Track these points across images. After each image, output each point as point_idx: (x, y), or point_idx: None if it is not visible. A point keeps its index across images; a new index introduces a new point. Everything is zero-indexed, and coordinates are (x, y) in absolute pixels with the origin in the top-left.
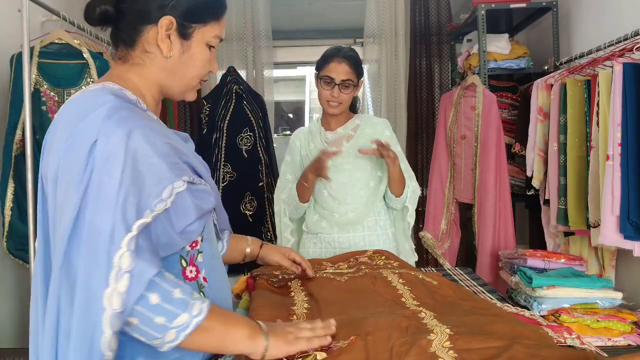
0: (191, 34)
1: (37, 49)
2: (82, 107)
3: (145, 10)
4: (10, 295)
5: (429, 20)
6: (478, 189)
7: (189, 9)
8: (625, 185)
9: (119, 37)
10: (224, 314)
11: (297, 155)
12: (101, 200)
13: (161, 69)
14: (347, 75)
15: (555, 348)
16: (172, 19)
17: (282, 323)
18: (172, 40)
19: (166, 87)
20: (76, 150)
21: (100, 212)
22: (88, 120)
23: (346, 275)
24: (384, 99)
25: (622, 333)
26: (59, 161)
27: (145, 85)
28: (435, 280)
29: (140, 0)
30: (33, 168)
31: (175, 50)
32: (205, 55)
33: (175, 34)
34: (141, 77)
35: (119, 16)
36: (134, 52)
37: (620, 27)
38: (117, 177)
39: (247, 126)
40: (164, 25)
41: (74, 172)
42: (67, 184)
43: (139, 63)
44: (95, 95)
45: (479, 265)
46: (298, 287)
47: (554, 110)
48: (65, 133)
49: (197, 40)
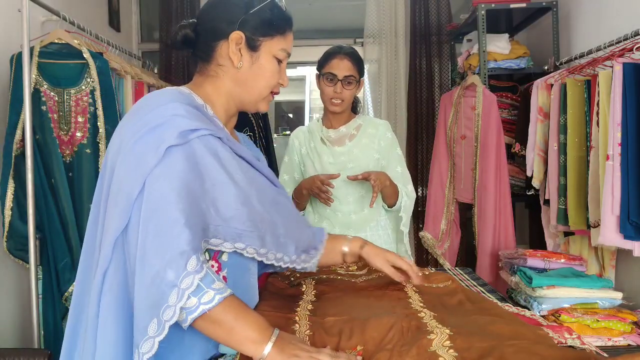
0: (259, 46)
1: (37, 49)
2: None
3: (217, 27)
4: (10, 295)
5: (429, 20)
6: (478, 189)
7: (256, 24)
8: (625, 185)
9: (197, 56)
10: (240, 310)
11: (296, 155)
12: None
13: (233, 80)
14: (349, 71)
15: (555, 348)
16: (241, 33)
17: (302, 342)
18: (242, 53)
19: (238, 96)
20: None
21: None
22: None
23: (361, 277)
24: (384, 99)
25: (622, 333)
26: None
27: (216, 94)
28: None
29: (213, 19)
30: (33, 168)
31: (245, 62)
32: (274, 66)
33: (245, 47)
34: (214, 87)
35: (197, 37)
36: (210, 66)
37: (620, 27)
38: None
39: (247, 126)
40: (234, 39)
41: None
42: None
43: (214, 75)
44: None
45: (479, 265)
46: (311, 286)
47: (554, 110)
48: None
49: (264, 52)
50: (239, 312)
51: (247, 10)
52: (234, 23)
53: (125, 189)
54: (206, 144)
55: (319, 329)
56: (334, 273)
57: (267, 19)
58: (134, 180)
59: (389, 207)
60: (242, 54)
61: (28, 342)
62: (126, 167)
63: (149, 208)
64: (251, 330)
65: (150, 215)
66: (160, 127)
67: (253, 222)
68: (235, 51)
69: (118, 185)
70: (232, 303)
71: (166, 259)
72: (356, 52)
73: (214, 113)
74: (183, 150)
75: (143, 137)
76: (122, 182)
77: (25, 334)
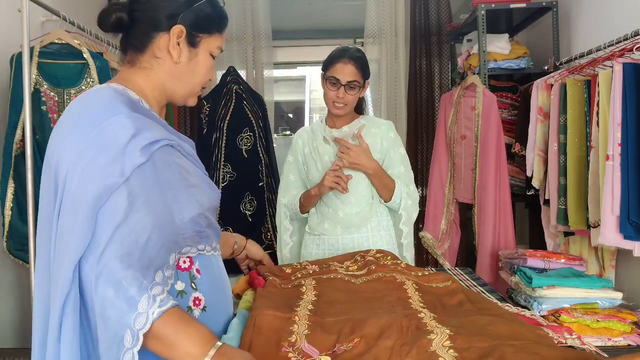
0: (198, 42)
1: (37, 49)
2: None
3: (157, 18)
4: (11, 295)
5: (429, 20)
6: (478, 189)
7: (197, 20)
8: (625, 185)
9: (129, 43)
10: (181, 323)
11: (300, 155)
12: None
13: (169, 74)
14: (353, 76)
15: (555, 348)
16: (183, 28)
17: (248, 357)
18: (181, 48)
19: (171, 90)
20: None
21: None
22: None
23: (361, 278)
24: (384, 99)
25: (622, 333)
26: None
27: (149, 87)
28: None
29: (153, 9)
30: (33, 168)
31: (184, 57)
32: (209, 63)
33: (185, 42)
34: (147, 79)
35: (131, 23)
36: (143, 56)
37: (620, 27)
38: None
39: (247, 126)
40: (175, 34)
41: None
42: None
43: (147, 67)
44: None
45: (479, 265)
46: (311, 287)
47: (554, 110)
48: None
49: (203, 48)
50: (179, 325)
51: (188, 5)
52: (175, 16)
53: (85, 212)
54: (164, 156)
55: (317, 328)
56: (334, 272)
57: (207, 15)
58: (95, 201)
59: (385, 201)
60: (182, 48)
61: (28, 342)
62: (84, 189)
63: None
64: (191, 345)
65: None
66: (118, 148)
67: (206, 219)
68: (175, 45)
69: (73, 206)
70: (173, 316)
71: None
72: (362, 56)
73: (149, 107)
74: (147, 169)
75: (96, 159)
76: (81, 203)
77: (25, 334)
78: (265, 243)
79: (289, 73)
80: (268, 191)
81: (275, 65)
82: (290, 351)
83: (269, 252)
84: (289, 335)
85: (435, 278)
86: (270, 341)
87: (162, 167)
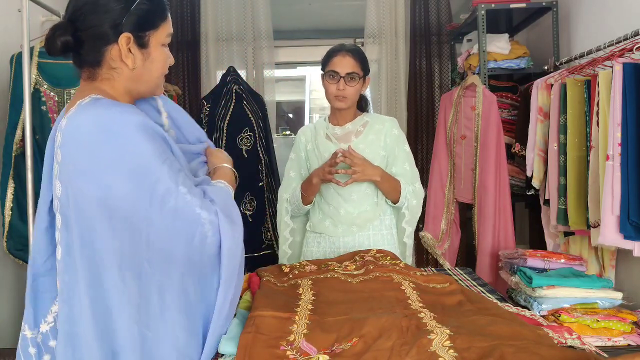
0: (148, 41)
1: (37, 49)
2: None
3: (102, 32)
4: (11, 295)
5: (429, 20)
6: (478, 189)
7: (139, 20)
8: (625, 185)
9: (83, 60)
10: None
11: (302, 151)
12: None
13: (129, 80)
14: (351, 68)
15: (555, 348)
16: (128, 34)
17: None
18: (133, 53)
19: (136, 91)
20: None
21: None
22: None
23: (358, 277)
24: (384, 99)
25: (622, 333)
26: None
27: (117, 94)
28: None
29: (95, 25)
30: (33, 168)
31: (139, 60)
32: (164, 54)
33: (135, 46)
34: (113, 88)
35: (78, 43)
36: (101, 70)
37: (620, 27)
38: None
39: (247, 126)
40: (124, 43)
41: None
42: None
43: (108, 78)
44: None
45: (479, 265)
46: (308, 287)
47: (554, 110)
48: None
49: (153, 44)
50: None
51: (127, 9)
52: (118, 25)
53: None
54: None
55: (317, 328)
56: (332, 271)
57: (147, 11)
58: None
59: (394, 203)
60: (134, 53)
61: None
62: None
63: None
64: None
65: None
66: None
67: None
68: (127, 54)
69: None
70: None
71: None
72: (359, 49)
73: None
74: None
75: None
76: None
77: None
78: (266, 243)
79: (289, 73)
80: (268, 191)
81: (276, 65)
82: (289, 349)
83: (269, 252)
84: (288, 334)
85: (434, 279)
86: (270, 341)
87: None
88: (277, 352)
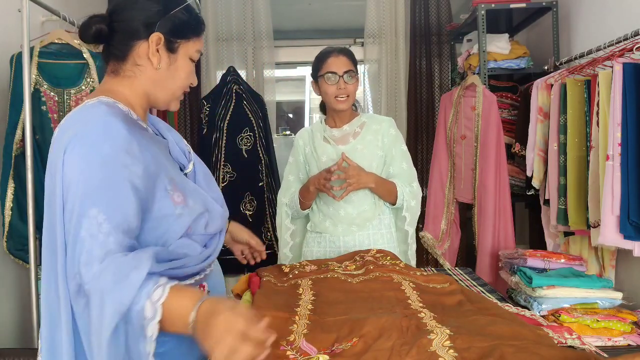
0: (177, 48)
1: (37, 49)
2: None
3: (135, 27)
4: (10, 295)
5: (429, 20)
6: (478, 189)
7: (174, 27)
8: (625, 185)
9: (111, 53)
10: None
11: (301, 155)
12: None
13: (150, 80)
14: (348, 66)
15: (555, 348)
16: (160, 35)
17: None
18: (160, 54)
19: (153, 96)
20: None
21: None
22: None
23: (358, 277)
24: (384, 99)
25: (622, 333)
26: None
27: (134, 96)
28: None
29: (131, 19)
30: (33, 168)
31: (164, 63)
32: (189, 67)
33: (164, 49)
34: (131, 88)
35: (111, 33)
36: (125, 65)
37: (620, 27)
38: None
39: (247, 126)
40: (154, 41)
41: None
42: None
43: (130, 75)
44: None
45: (479, 265)
46: (307, 287)
47: (554, 110)
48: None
49: (182, 54)
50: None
51: (165, 12)
52: (152, 24)
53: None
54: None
55: (317, 327)
56: (332, 271)
57: (184, 21)
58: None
59: (392, 205)
60: (161, 55)
61: (28, 342)
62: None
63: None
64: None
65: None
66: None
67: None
68: (154, 52)
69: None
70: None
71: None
72: (349, 49)
73: (137, 116)
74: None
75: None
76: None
77: (25, 334)
78: (266, 243)
79: (289, 73)
80: (268, 191)
81: (276, 65)
82: (289, 349)
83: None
84: (288, 334)
85: (434, 279)
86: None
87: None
88: (277, 352)
